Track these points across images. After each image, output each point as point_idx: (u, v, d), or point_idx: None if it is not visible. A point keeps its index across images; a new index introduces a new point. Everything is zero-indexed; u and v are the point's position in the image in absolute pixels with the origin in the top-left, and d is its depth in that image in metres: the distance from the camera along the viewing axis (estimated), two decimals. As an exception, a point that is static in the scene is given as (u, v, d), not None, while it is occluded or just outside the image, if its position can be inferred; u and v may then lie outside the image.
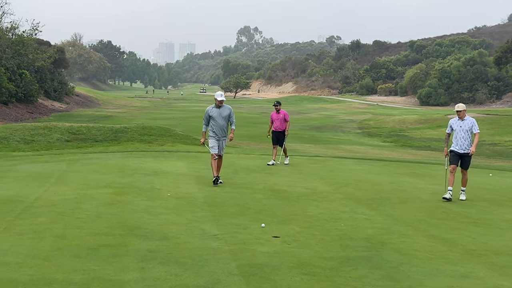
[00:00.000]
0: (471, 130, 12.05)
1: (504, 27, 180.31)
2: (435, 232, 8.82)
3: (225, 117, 13.13)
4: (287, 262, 6.83)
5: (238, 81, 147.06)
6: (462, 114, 12.15)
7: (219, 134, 13.11)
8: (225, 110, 13.17)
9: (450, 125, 12.43)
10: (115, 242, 7.49)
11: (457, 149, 12.11)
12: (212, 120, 13.08)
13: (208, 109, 13.19)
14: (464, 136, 12.05)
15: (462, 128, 12.10)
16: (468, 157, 12.11)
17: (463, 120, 12.17)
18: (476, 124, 12.19)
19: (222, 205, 10.48)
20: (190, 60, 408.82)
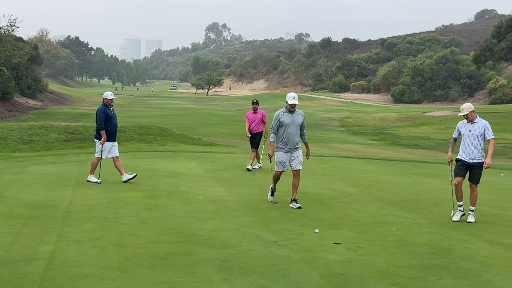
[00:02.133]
0: (482, 135, 9.85)
1: (471, 26, 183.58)
2: (489, 236, 8.74)
3: (297, 124, 10.64)
4: (367, 272, 6.65)
5: (211, 78, 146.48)
6: (470, 116, 9.89)
7: (290, 145, 10.64)
8: (299, 117, 10.69)
9: (458, 128, 10.25)
10: (181, 251, 7.22)
11: (465, 158, 9.96)
12: (283, 128, 10.61)
13: (279, 114, 10.68)
14: (474, 142, 9.86)
15: (471, 133, 9.88)
16: (478, 168, 9.91)
17: (473, 123, 9.93)
18: (489, 128, 9.90)
19: (261, 209, 10.27)
20: (158, 56, 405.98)
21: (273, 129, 10.74)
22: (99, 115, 12.61)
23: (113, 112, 12.97)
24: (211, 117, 57.07)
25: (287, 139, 10.61)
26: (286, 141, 10.63)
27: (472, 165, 9.92)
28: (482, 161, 9.89)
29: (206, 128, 40.73)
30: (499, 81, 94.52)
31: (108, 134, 12.68)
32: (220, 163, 16.90)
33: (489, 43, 58.63)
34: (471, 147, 9.87)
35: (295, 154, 10.69)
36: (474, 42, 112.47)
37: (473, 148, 9.86)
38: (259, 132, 16.04)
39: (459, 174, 10.00)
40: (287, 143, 10.63)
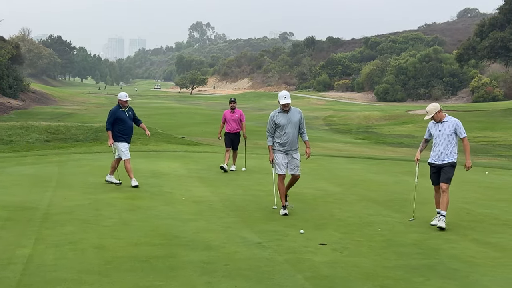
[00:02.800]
0: (453, 134, 9.25)
1: (454, 24, 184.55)
2: (476, 236, 8.65)
3: (295, 123, 9.87)
4: (353, 273, 6.52)
5: (195, 77, 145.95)
6: (437, 116, 9.28)
7: (288, 146, 9.88)
8: (295, 115, 9.90)
9: (429, 129, 9.59)
10: (163, 253, 7.04)
11: (435, 160, 9.36)
12: (280, 130, 9.84)
13: (273, 115, 9.91)
14: (444, 143, 9.25)
15: (441, 133, 9.25)
16: (449, 168, 9.25)
17: (443, 122, 9.30)
18: (461, 126, 9.32)
19: (245, 210, 10.12)
20: (141, 55, 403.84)
21: (269, 132, 9.96)
22: (108, 116, 12.35)
23: (128, 114, 12.58)
24: (195, 116, 56.82)
25: (285, 141, 9.83)
26: (284, 143, 9.85)
27: (443, 166, 9.28)
28: (453, 161, 9.24)
29: (190, 127, 40.49)
30: (481, 80, 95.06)
31: (120, 135, 12.30)
32: (204, 163, 16.72)
33: (472, 41, 58.87)
34: (441, 148, 9.26)
35: (293, 157, 9.96)
36: (457, 41, 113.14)
37: (442, 150, 9.25)
38: (237, 132, 15.40)
39: (435, 182, 9.45)
40: (285, 145, 9.86)
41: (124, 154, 12.31)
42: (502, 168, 18.68)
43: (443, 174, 9.25)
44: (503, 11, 57.99)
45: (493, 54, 58.16)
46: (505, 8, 57.68)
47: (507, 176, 16.09)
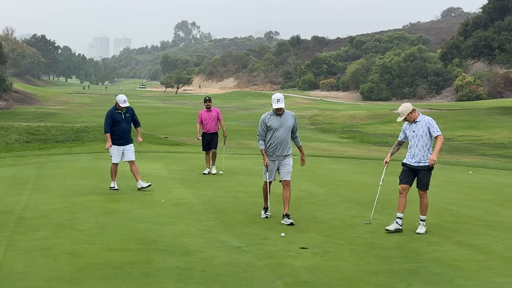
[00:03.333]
0: (427, 134, 8.80)
1: (438, 23, 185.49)
2: (459, 238, 8.52)
3: (288, 128, 9.29)
4: (334, 279, 6.35)
5: (180, 77, 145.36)
6: (410, 117, 8.87)
7: (278, 152, 9.30)
8: (289, 119, 9.30)
9: (403, 130, 9.12)
10: (138, 259, 6.83)
11: (410, 161, 8.91)
12: (270, 133, 9.25)
13: (265, 118, 9.30)
14: (420, 144, 8.79)
15: (415, 134, 8.82)
16: (425, 172, 8.80)
17: (416, 122, 8.87)
18: (434, 125, 8.86)
19: (226, 212, 9.92)
20: (126, 55, 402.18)
21: (260, 135, 9.35)
22: (105, 118, 12.06)
23: (125, 116, 12.29)
24: (179, 115, 56.53)
25: (276, 145, 9.26)
26: (274, 148, 9.29)
27: (418, 169, 8.82)
28: (428, 164, 8.80)
29: (174, 127, 40.20)
30: (465, 78, 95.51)
31: (115, 138, 12.05)
32: (187, 164, 16.51)
33: (455, 40, 59.04)
34: (416, 149, 8.79)
35: (284, 162, 9.37)
36: (441, 40, 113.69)
37: (417, 151, 8.78)
38: (215, 132, 14.78)
39: (404, 181, 8.94)
40: (276, 150, 9.29)
41: (112, 158, 12.05)
42: (486, 167, 18.65)
43: (420, 179, 8.84)
44: (487, 10, 58.26)
45: (477, 53, 58.38)
46: (489, 7, 57.96)
47: (491, 176, 16.04)
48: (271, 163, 9.36)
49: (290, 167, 9.45)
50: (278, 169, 9.42)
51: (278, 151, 9.29)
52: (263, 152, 9.37)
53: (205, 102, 14.90)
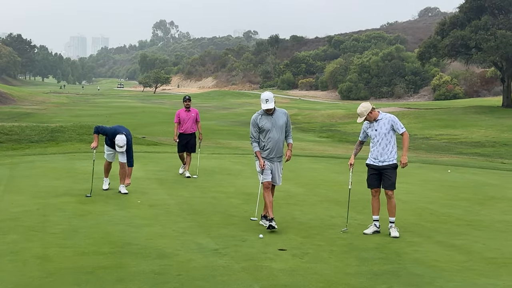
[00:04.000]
0: (391, 132, 8.51)
1: (415, 23, 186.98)
2: (440, 238, 8.41)
3: (281, 127, 8.77)
4: (313, 282, 6.17)
5: (158, 76, 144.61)
6: (370, 117, 8.54)
7: (274, 153, 8.81)
8: (281, 117, 8.78)
9: (364, 129, 8.81)
10: (111, 263, 6.59)
11: (374, 162, 8.68)
12: (263, 134, 8.72)
13: (256, 118, 8.75)
14: (383, 142, 8.51)
15: (378, 132, 8.52)
16: (391, 171, 8.53)
17: (378, 121, 8.55)
18: (397, 122, 8.57)
19: (203, 213, 9.70)
20: (104, 54, 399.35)
21: (253, 137, 8.77)
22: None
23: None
24: (158, 115, 56.09)
25: (271, 147, 8.73)
26: (269, 150, 8.74)
27: (383, 168, 8.56)
28: (393, 163, 8.53)
29: (152, 127, 39.84)
30: (442, 78, 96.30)
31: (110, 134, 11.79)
32: (164, 164, 16.25)
33: (433, 40, 59.36)
34: (380, 148, 8.54)
35: (277, 166, 8.93)
36: (418, 39, 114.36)
37: (381, 150, 8.53)
38: (193, 133, 14.17)
39: (372, 184, 8.75)
40: (271, 152, 8.76)
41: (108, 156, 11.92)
42: (464, 166, 18.67)
43: (386, 179, 8.58)
44: (464, 10, 58.67)
45: (454, 52, 58.81)
46: (466, 6, 58.37)
47: (470, 175, 16.03)
48: (268, 163, 8.79)
49: (281, 170, 9.08)
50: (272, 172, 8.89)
51: (273, 152, 8.78)
52: (258, 154, 8.76)
53: (184, 101, 14.28)
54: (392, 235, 8.40)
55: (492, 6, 56.58)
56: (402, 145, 8.60)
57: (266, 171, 8.75)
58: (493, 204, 11.41)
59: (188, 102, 14.20)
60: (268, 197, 8.75)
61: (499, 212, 10.54)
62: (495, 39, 52.53)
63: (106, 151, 11.94)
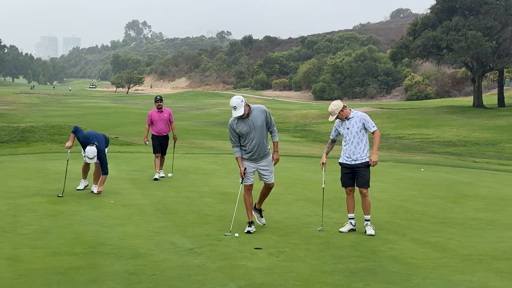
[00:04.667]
0: (362, 130, 8.49)
1: (387, 24, 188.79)
2: (415, 235, 8.42)
3: (260, 127, 8.27)
4: (290, 280, 6.11)
5: (131, 76, 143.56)
6: (342, 114, 8.47)
7: (257, 154, 8.38)
8: (258, 117, 8.26)
9: (335, 128, 8.77)
10: (84, 264, 6.45)
11: (347, 160, 8.65)
12: (244, 138, 8.31)
13: (232, 123, 8.30)
14: (355, 140, 8.48)
15: (349, 131, 8.49)
16: (364, 169, 8.52)
17: (349, 119, 8.51)
18: (368, 120, 8.53)
19: (178, 213, 9.59)
20: (76, 54, 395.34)
21: (233, 142, 8.42)
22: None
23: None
24: (130, 115, 55.70)
25: (252, 150, 8.33)
26: (251, 153, 8.35)
27: (356, 167, 8.54)
28: (366, 161, 8.51)
29: (125, 127, 39.53)
30: (414, 78, 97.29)
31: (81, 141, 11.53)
32: (137, 164, 16.08)
33: (405, 40, 59.93)
34: (352, 147, 8.52)
35: (264, 164, 8.50)
36: (390, 40, 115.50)
37: (353, 148, 8.51)
38: (166, 135, 13.67)
39: (346, 183, 8.74)
40: (253, 155, 8.36)
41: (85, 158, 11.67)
42: (437, 165, 18.82)
43: (360, 178, 8.56)
44: (435, 11, 59.32)
45: (426, 53, 59.41)
46: (437, 7, 59.03)
47: (443, 173, 16.14)
48: (250, 164, 8.44)
49: (272, 167, 8.60)
50: (258, 171, 8.57)
51: (256, 154, 8.36)
52: (238, 160, 8.42)
53: (156, 102, 13.78)
54: (368, 233, 8.39)
55: (462, 7, 57.32)
56: (373, 143, 8.61)
57: (248, 174, 8.46)
58: (466, 202, 11.49)
59: (160, 102, 13.68)
60: (248, 199, 8.55)
61: (473, 210, 10.61)
62: (466, 39, 53.19)
63: (82, 153, 11.73)
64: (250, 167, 8.45)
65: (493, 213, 10.28)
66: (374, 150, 8.53)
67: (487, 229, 8.98)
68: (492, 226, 9.18)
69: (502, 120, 46.37)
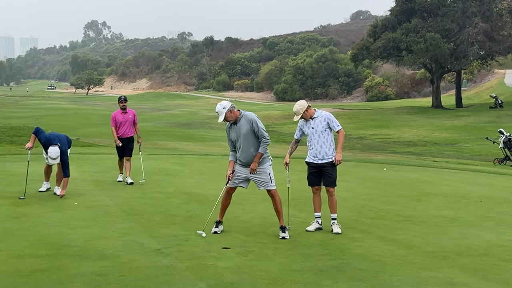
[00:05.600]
0: (327, 129, 8.55)
1: (347, 26, 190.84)
2: (381, 233, 8.53)
3: (245, 135, 8.12)
4: (259, 279, 6.12)
5: (91, 78, 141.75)
6: (307, 114, 8.57)
7: (245, 161, 8.21)
8: (244, 125, 8.15)
9: (300, 127, 8.85)
10: (50, 266, 6.34)
11: (313, 159, 8.72)
12: (235, 143, 8.28)
13: (227, 127, 8.44)
14: (320, 140, 8.56)
15: (315, 130, 8.55)
16: (331, 168, 8.61)
17: (314, 118, 8.60)
18: (333, 119, 8.61)
19: (144, 214, 9.51)
20: (33, 55, 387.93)
21: (229, 146, 8.40)
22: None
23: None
24: (91, 117, 54.98)
25: (242, 155, 8.20)
26: (242, 157, 8.22)
27: (323, 166, 8.60)
28: (332, 160, 8.58)
29: (86, 129, 39.03)
30: (375, 79, 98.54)
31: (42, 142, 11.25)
32: (100, 165, 15.89)
33: (365, 42, 60.64)
34: (318, 146, 8.58)
35: (258, 170, 8.24)
36: (350, 42, 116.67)
37: (319, 148, 8.58)
38: (131, 137, 13.11)
39: (313, 182, 8.79)
40: (243, 159, 8.22)
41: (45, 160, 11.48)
42: (399, 164, 19.10)
43: (327, 177, 8.63)
44: (394, 13, 60.18)
45: (386, 54, 60.20)
46: (396, 10, 59.88)
47: (405, 172, 16.40)
48: (240, 168, 8.29)
49: (266, 175, 8.31)
50: (250, 178, 8.36)
51: (244, 160, 8.19)
52: (230, 164, 8.35)
53: (120, 102, 13.10)
54: (335, 232, 8.45)
55: (421, 9, 58.25)
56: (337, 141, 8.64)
57: (235, 177, 8.35)
58: (429, 200, 11.69)
59: (124, 103, 13.08)
60: (224, 200, 8.50)
61: (435, 208, 10.80)
62: (425, 41, 54.10)
63: (44, 155, 11.52)
64: (240, 172, 8.31)
65: (455, 211, 10.48)
66: (338, 149, 8.58)
67: (450, 226, 9.15)
68: (455, 223, 9.36)
69: (460, 120, 47.31)
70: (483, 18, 56.45)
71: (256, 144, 8.19)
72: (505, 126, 33.32)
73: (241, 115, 8.22)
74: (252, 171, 8.20)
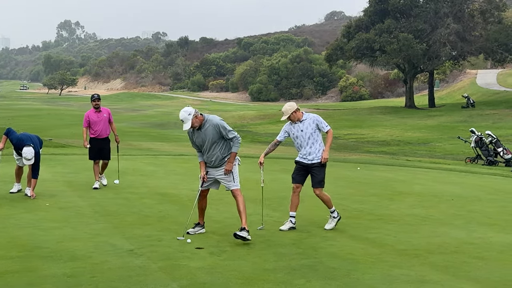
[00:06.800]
0: (316, 131, 8.69)
1: (322, 26, 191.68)
2: (353, 232, 8.61)
3: (211, 140, 7.97)
4: (233, 279, 6.12)
5: (64, 78, 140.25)
6: (294, 116, 8.67)
7: (213, 163, 8.13)
8: (210, 131, 7.94)
9: (285, 130, 8.89)
10: (20, 267, 6.27)
11: (304, 160, 8.78)
12: (202, 148, 8.16)
13: (189, 132, 8.17)
14: (310, 142, 8.67)
15: (304, 133, 8.67)
16: (319, 169, 8.70)
17: (302, 121, 8.71)
18: (321, 121, 8.76)
19: (117, 214, 9.45)
20: (5, 55, 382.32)
21: (195, 148, 8.35)
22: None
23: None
24: (65, 117, 54.46)
25: (210, 158, 8.11)
26: (211, 161, 8.14)
27: (312, 166, 8.71)
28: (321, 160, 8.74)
29: (59, 129, 38.63)
30: (349, 79, 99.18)
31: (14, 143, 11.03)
32: (73, 166, 15.76)
33: (339, 42, 61.00)
34: (307, 147, 8.68)
35: (221, 172, 8.18)
36: (325, 42, 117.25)
37: (309, 149, 8.67)
38: (107, 137, 12.52)
39: (296, 180, 8.85)
40: (213, 162, 8.12)
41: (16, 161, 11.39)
42: (372, 163, 19.27)
43: (313, 177, 8.74)
44: (368, 14, 60.62)
45: (360, 55, 60.59)
46: (370, 10, 60.32)
47: (378, 172, 16.54)
48: (210, 171, 8.25)
49: (231, 175, 8.21)
50: (217, 179, 8.30)
51: (212, 163, 8.14)
52: (201, 165, 8.26)
53: (93, 100, 12.37)
54: (326, 227, 8.79)
55: (394, 10, 58.76)
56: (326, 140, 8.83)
57: (207, 177, 8.30)
58: (402, 199, 11.82)
59: (98, 101, 12.38)
60: (200, 203, 8.46)
61: (408, 206, 10.92)
62: (398, 42, 54.60)
63: (15, 156, 11.38)
64: (210, 174, 8.27)
65: (427, 209, 10.61)
66: (326, 147, 8.77)
67: (422, 224, 9.26)
68: (427, 222, 9.47)
69: (432, 120, 47.84)
70: (455, 19, 57.18)
71: (224, 146, 8.09)
72: (477, 125, 33.81)
73: (205, 119, 8.00)
74: (227, 172, 8.13)
